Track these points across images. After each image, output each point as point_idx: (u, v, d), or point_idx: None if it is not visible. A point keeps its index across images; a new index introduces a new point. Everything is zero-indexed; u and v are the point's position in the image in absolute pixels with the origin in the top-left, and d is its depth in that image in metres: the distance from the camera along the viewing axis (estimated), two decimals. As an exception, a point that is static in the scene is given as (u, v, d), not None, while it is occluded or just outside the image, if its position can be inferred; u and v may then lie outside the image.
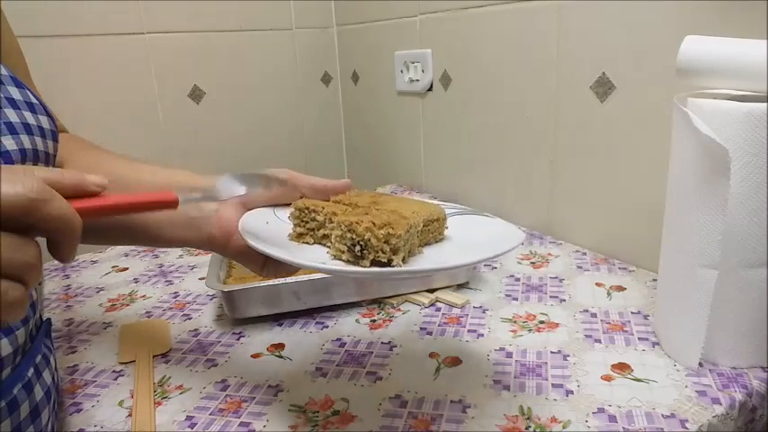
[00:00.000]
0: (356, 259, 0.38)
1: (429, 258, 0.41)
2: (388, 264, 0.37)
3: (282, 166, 0.49)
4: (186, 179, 0.50)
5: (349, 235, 0.37)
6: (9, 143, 0.39)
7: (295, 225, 0.44)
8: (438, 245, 0.45)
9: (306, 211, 0.43)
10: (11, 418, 0.37)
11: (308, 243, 0.43)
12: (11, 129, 0.40)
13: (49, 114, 0.45)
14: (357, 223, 0.37)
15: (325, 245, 0.43)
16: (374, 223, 0.37)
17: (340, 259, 0.39)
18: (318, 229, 0.43)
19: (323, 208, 0.43)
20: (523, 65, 0.83)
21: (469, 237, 0.45)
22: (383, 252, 0.37)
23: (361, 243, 0.37)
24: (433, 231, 0.44)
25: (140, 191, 0.48)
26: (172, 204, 0.36)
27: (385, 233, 0.36)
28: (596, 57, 0.72)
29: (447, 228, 0.46)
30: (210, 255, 0.74)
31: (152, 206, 0.36)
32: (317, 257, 0.41)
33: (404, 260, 0.38)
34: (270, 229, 0.44)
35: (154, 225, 0.49)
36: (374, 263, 0.37)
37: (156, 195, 0.35)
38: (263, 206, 0.47)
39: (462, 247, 0.44)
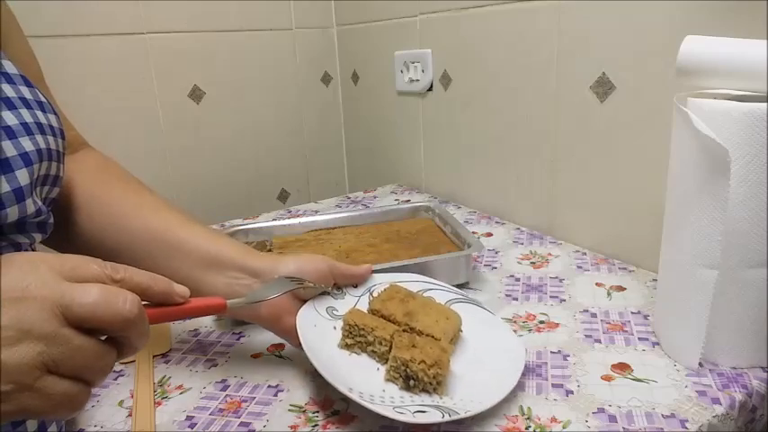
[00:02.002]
0: (408, 388, 0.47)
1: (459, 379, 0.48)
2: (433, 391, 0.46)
3: (282, 167, 0.50)
4: (234, 254, 0.51)
5: (403, 367, 0.46)
6: (27, 144, 0.39)
7: (344, 336, 0.51)
8: (460, 355, 0.52)
9: (356, 328, 0.50)
10: None
11: (356, 353, 0.51)
12: (27, 129, 0.40)
13: (55, 112, 0.45)
14: (411, 361, 0.46)
15: (372, 356, 0.50)
16: (426, 362, 0.45)
17: (393, 383, 0.47)
18: (367, 345, 0.51)
19: (372, 329, 0.50)
20: (523, 65, 0.83)
21: (480, 355, 0.52)
22: (430, 385, 0.46)
23: (413, 377, 0.46)
24: (454, 340, 0.53)
25: (188, 267, 0.50)
26: (222, 311, 0.42)
27: (434, 372, 0.45)
28: (596, 57, 0.72)
29: (462, 332, 0.54)
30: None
31: (206, 313, 0.42)
32: (372, 383, 0.47)
33: (444, 389, 0.46)
34: (319, 333, 0.51)
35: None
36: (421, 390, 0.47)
37: (208, 301, 0.41)
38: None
39: (477, 373, 0.49)
